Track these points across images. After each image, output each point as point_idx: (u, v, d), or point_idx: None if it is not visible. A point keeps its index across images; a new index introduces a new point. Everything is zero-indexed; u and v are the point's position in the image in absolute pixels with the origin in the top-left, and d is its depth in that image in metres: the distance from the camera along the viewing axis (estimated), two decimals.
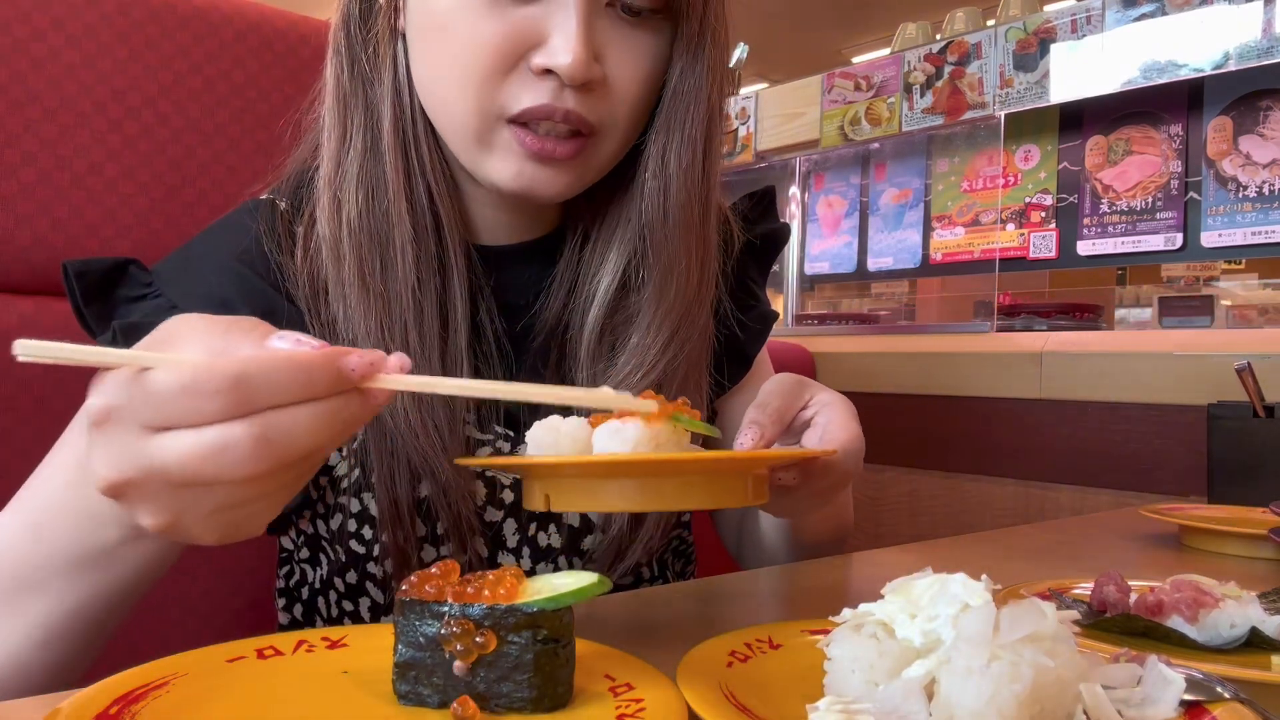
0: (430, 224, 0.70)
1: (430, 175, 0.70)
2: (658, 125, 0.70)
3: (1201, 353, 1.39)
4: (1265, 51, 1.55)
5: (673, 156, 0.70)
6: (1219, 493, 1.12)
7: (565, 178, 0.67)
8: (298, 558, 0.78)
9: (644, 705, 0.39)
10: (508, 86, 0.64)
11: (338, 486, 0.71)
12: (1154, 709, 0.38)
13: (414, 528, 0.69)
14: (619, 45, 0.66)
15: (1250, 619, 0.54)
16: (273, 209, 0.73)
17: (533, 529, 0.74)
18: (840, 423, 0.63)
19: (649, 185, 0.71)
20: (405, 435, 0.67)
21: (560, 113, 0.64)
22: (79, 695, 0.38)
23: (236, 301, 0.68)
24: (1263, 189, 1.62)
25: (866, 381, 1.80)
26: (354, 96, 0.70)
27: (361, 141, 0.69)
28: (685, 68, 0.69)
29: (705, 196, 0.73)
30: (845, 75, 2.20)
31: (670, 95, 0.70)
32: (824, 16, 6.35)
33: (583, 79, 0.63)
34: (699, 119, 0.70)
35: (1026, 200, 1.94)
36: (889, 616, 0.40)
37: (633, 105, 0.68)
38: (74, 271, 0.66)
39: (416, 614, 0.41)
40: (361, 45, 0.70)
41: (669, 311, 0.72)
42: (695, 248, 0.73)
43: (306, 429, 0.39)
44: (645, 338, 0.72)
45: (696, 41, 0.69)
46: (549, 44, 0.62)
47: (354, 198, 0.69)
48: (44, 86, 0.88)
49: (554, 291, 0.76)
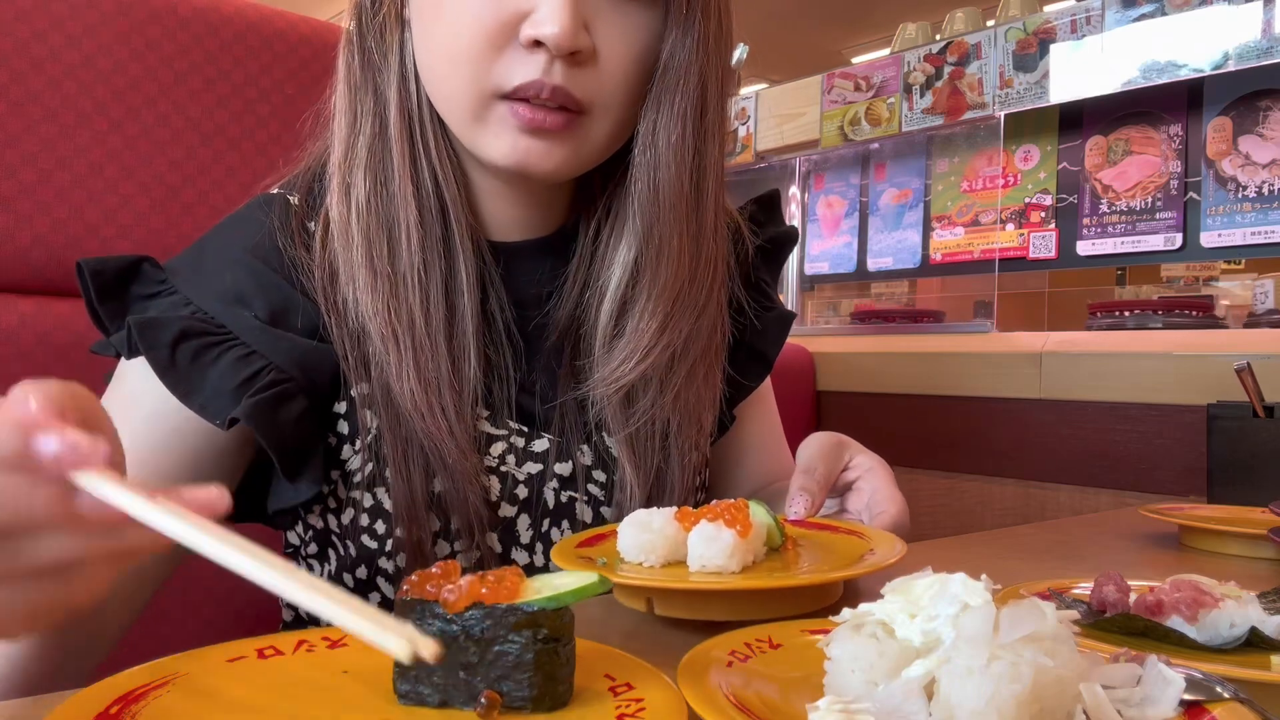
0: (436, 208, 0.71)
1: (436, 161, 0.71)
2: (649, 101, 0.70)
3: (1201, 353, 1.39)
4: (1265, 51, 1.55)
5: (661, 131, 0.70)
6: (1219, 493, 1.12)
7: (560, 151, 0.67)
8: (304, 553, 0.78)
9: (644, 705, 0.39)
10: (501, 63, 0.65)
11: (350, 481, 0.71)
12: (1154, 709, 0.38)
13: (428, 522, 0.69)
14: (609, 19, 0.66)
15: (1250, 619, 0.54)
16: (285, 204, 0.73)
17: (546, 524, 0.73)
18: (886, 494, 0.68)
19: (638, 162, 0.71)
20: (414, 416, 0.67)
21: (548, 88, 0.64)
22: (79, 695, 0.38)
23: (251, 295, 0.69)
24: (1262, 189, 1.62)
25: (866, 381, 1.80)
26: (364, 84, 0.71)
27: (370, 127, 0.71)
28: (675, 42, 0.69)
29: (697, 173, 0.72)
30: (845, 75, 2.20)
31: (660, 71, 0.69)
32: (824, 16, 6.35)
33: (570, 47, 0.63)
34: (689, 93, 0.69)
35: (1026, 200, 1.94)
36: (889, 616, 0.40)
37: (623, 82, 0.67)
38: (89, 270, 0.67)
39: (417, 614, 0.41)
40: (371, 33, 0.71)
41: (662, 292, 0.72)
42: (687, 225, 0.72)
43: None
44: (640, 321, 0.72)
45: (685, 14, 0.68)
46: (536, 14, 0.63)
47: (362, 182, 0.70)
48: (44, 86, 0.88)
49: (567, 289, 0.76)
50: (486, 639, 0.40)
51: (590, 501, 0.75)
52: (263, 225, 0.71)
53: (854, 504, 0.66)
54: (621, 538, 0.57)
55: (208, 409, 0.64)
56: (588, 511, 0.75)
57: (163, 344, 0.65)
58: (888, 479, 0.67)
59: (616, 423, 0.74)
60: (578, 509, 0.74)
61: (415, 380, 0.67)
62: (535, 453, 0.74)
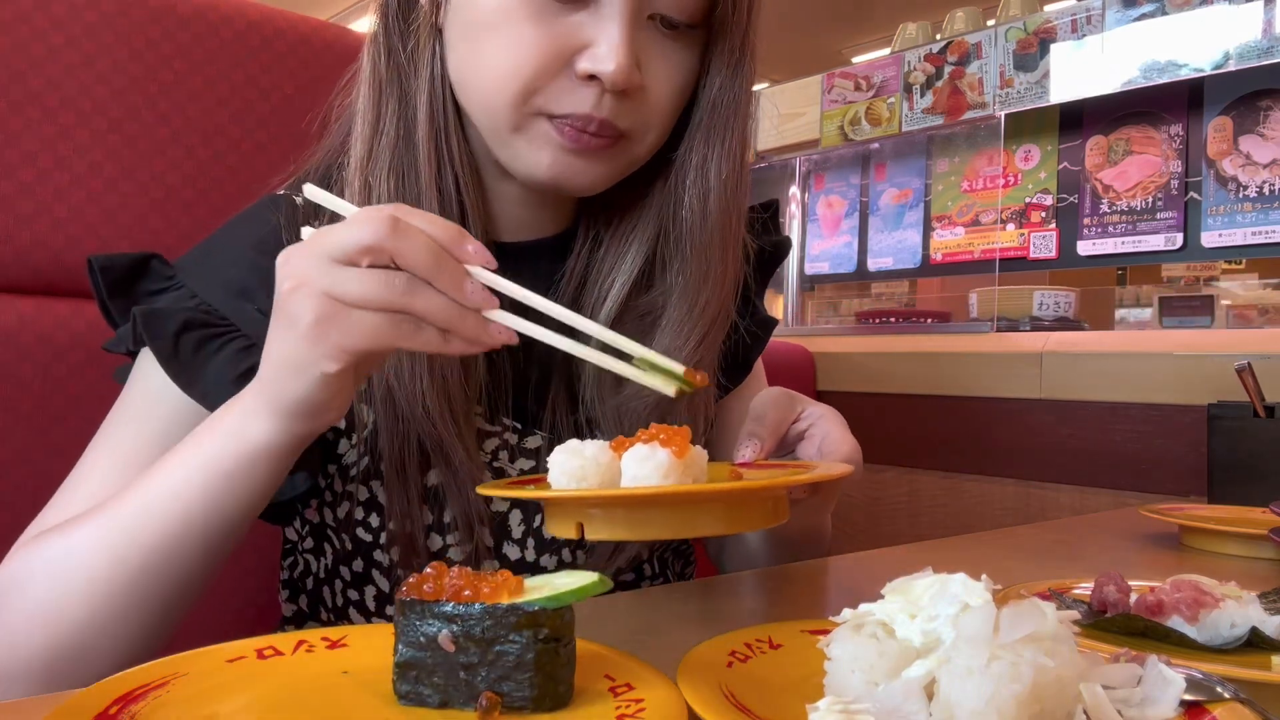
0: (456, 213, 0.72)
1: (459, 168, 0.72)
2: (698, 136, 0.73)
3: (1201, 353, 1.39)
4: (1265, 51, 1.55)
5: (713, 168, 0.73)
6: (1219, 493, 1.12)
7: (598, 169, 0.70)
8: (302, 548, 0.79)
9: (644, 705, 0.39)
10: (552, 87, 0.66)
11: (346, 474, 0.72)
12: (1154, 709, 0.38)
13: (422, 515, 0.70)
14: (656, 56, 0.68)
15: (1250, 619, 0.54)
16: (291, 206, 0.75)
17: (537, 520, 0.74)
18: (838, 435, 0.66)
19: (690, 193, 0.73)
20: (420, 419, 0.68)
21: (596, 122, 0.66)
22: (79, 695, 0.38)
23: (254, 289, 0.70)
24: (1263, 189, 1.62)
25: (866, 381, 1.80)
26: (390, 85, 0.72)
27: (395, 130, 0.71)
28: (725, 82, 0.72)
29: (740, 206, 0.76)
30: (845, 75, 2.20)
31: (709, 108, 0.72)
32: (824, 16, 6.35)
33: (624, 85, 0.65)
34: (738, 131, 0.73)
35: (1026, 200, 1.94)
36: (889, 616, 0.40)
37: (664, 113, 0.70)
38: (99, 266, 0.69)
39: (417, 614, 0.41)
40: (400, 37, 0.72)
41: (701, 315, 0.74)
42: (731, 254, 0.76)
43: (433, 302, 0.52)
44: (677, 339, 0.74)
45: (738, 57, 0.72)
46: (594, 50, 0.65)
47: (385, 183, 0.71)
48: (44, 86, 0.88)
49: (563, 288, 0.77)
50: (487, 639, 0.40)
51: None
52: (269, 223, 0.73)
53: (805, 451, 0.66)
54: (552, 467, 0.52)
55: (209, 398, 0.66)
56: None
57: (166, 334, 0.67)
58: (839, 424, 0.67)
59: (609, 422, 0.76)
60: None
61: (428, 382, 0.68)
62: (528, 449, 0.75)
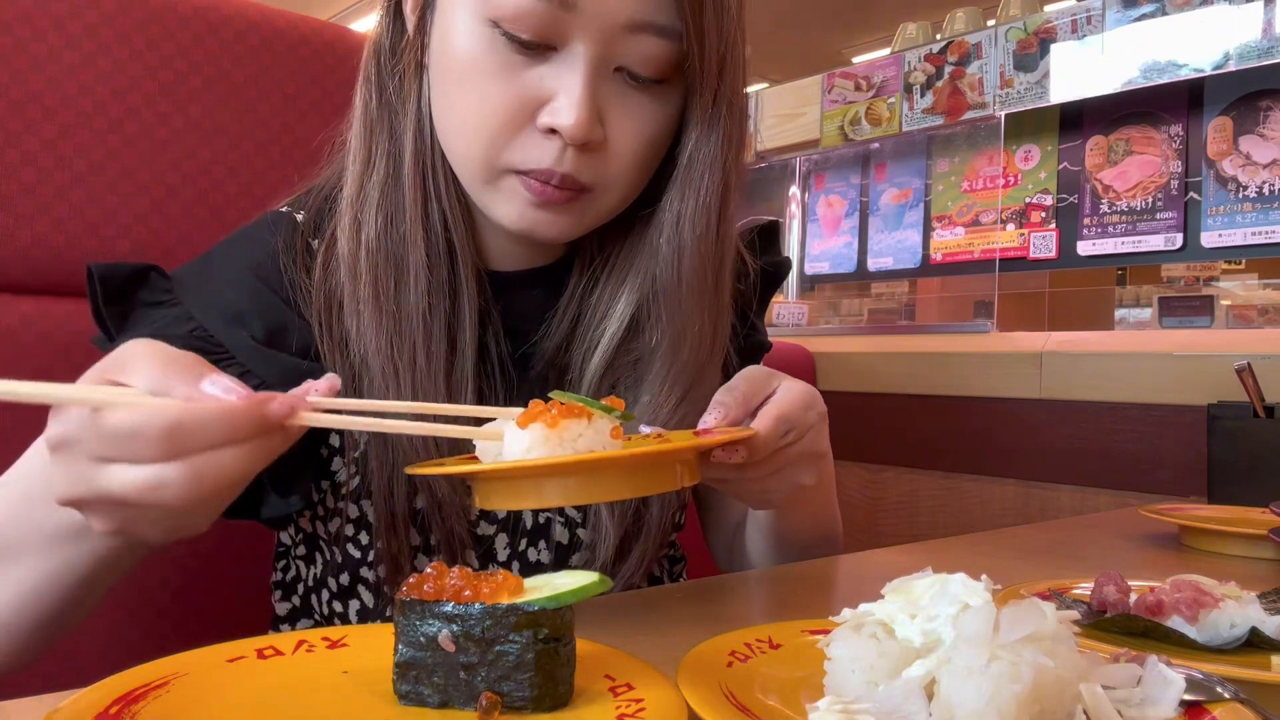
0: (444, 249, 0.72)
1: (446, 203, 0.72)
2: (672, 191, 0.72)
3: (1201, 353, 1.39)
4: (1265, 51, 1.55)
5: (687, 224, 0.72)
6: (1219, 493, 1.12)
7: (565, 220, 0.69)
8: (294, 554, 0.79)
9: (644, 705, 0.39)
10: (516, 142, 0.66)
11: (338, 491, 0.73)
12: (1154, 709, 0.38)
13: (408, 537, 0.71)
14: (621, 109, 0.67)
15: (1250, 619, 0.54)
16: (292, 224, 0.75)
17: (523, 544, 0.75)
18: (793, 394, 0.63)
19: (664, 250, 0.73)
20: (405, 447, 0.68)
21: (558, 176, 0.66)
22: (79, 695, 0.38)
23: (249, 314, 0.70)
24: (1263, 189, 1.62)
25: (866, 381, 1.80)
26: (380, 124, 0.72)
27: (384, 167, 0.72)
28: (700, 137, 0.70)
29: (719, 262, 0.74)
30: (845, 75, 2.20)
31: (686, 163, 0.71)
32: (824, 16, 6.35)
33: (584, 139, 0.65)
34: (713, 187, 0.71)
35: (1026, 200, 1.94)
36: (889, 616, 0.40)
37: (630, 165, 0.69)
38: (98, 275, 0.69)
39: (417, 614, 0.41)
40: (389, 75, 0.72)
41: (681, 373, 0.73)
42: (709, 311, 0.74)
43: (233, 465, 0.46)
44: (657, 397, 0.73)
45: (711, 112, 0.70)
46: (554, 104, 0.65)
47: (374, 220, 0.71)
48: (44, 86, 0.88)
49: (557, 322, 0.77)
50: (487, 639, 0.40)
51: (567, 523, 0.76)
52: (267, 244, 0.73)
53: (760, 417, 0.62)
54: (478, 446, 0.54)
55: None
56: (564, 532, 0.76)
57: None
58: (800, 385, 0.65)
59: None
60: (554, 529, 0.76)
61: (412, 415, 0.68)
62: None
